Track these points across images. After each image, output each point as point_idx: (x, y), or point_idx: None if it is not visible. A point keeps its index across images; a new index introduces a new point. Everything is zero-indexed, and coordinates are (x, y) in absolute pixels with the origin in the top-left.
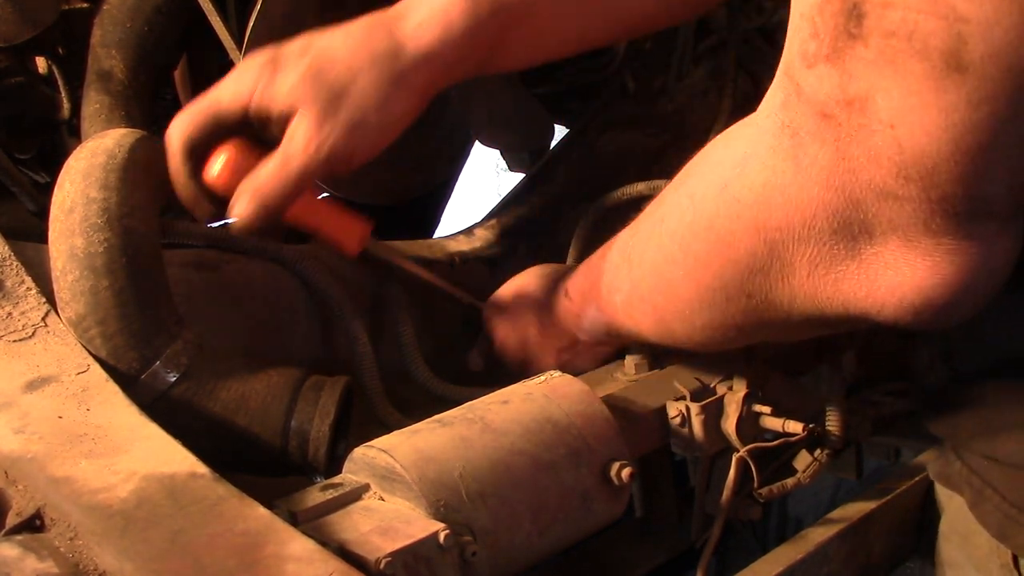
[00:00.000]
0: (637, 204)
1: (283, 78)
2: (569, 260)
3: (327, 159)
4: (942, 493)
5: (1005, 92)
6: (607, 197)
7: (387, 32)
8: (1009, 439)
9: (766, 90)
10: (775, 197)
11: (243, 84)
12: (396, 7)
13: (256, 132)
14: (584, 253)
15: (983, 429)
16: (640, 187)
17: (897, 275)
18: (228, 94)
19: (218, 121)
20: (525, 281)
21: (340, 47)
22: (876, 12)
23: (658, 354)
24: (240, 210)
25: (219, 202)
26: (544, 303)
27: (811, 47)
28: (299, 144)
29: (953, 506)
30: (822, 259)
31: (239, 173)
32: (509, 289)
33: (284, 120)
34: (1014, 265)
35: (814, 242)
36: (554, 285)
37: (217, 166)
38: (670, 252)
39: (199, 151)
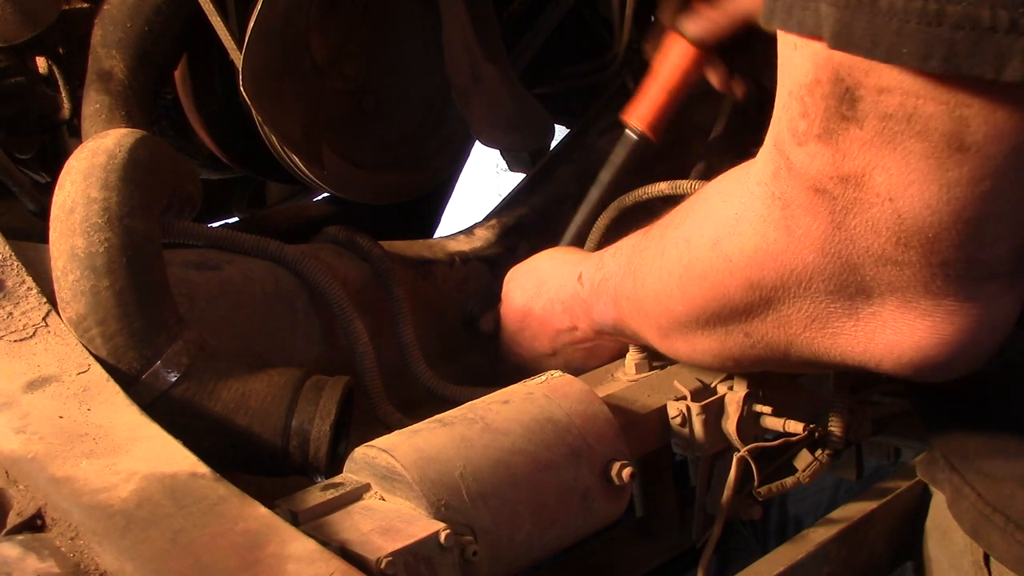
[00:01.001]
0: (650, 205)
1: None
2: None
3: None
4: (937, 492)
5: (1009, 169)
6: (627, 196)
7: None
8: (991, 454)
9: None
10: (767, 262)
11: None
12: None
13: None
14: (600, 247)
15: (968, 438)
16: (662, 186)
17: (896, 334)
18: None
19: None
20: (547, 256)
21: None
22: (871, 97)
23: (659, 354)
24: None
25: None
26: (557, 282)
27: (801, 126)
28: None
29: (936, 503)
30: (818, 315)
31: None
32: (531, 261)
33: None
34: (1015, 319)
35: (810, 300)
36: (572, 268)
37: None
38: (669, 287)
39: None
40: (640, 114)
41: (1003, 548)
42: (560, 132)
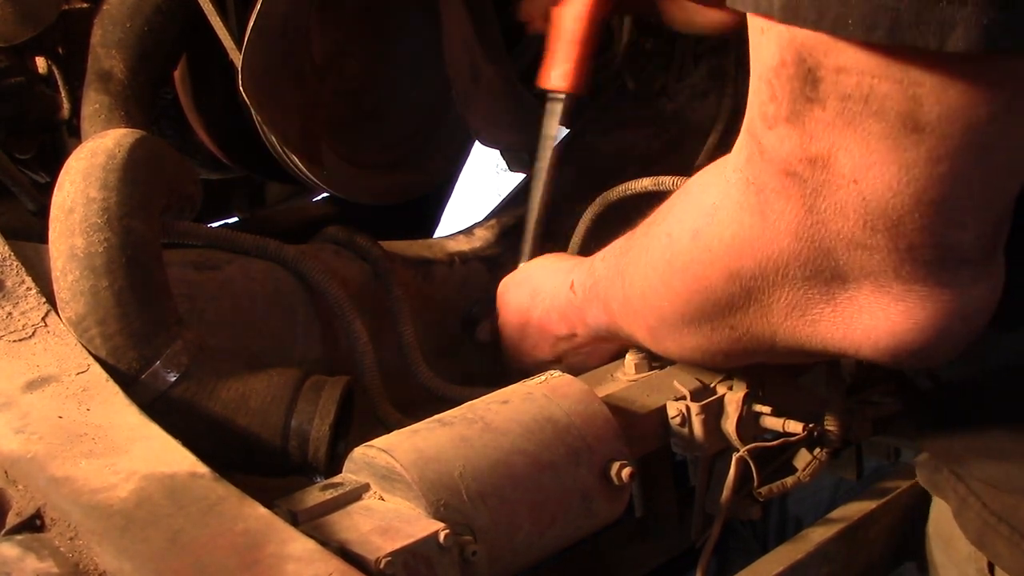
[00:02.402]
0: (638, 200)
1: None
2: (571, 252)
3: None
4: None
5: (963, 149)
6: (611, 191)
7: None
8: (980, 461)
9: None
10: (745, 249)
11: None
12: None
13: None
14: (585, 245)
15: (967, 447)
16: (645, 182)
17: (872, 319)
18: None
19: None
20: (539, 266)
21: None
22: (831, 77)
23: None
24: None
25: None
26: (550, 291)
27: (770, 109)
28: None
29: (938, 508)
30: (798, 303)
31: None
32: (523, 271)
33: None
34: (994, 310)
35: (788, 287)
36: (564, 276)
37: None
38: (654, 283)
39: None
40: (559, 74)
41: (1009, 558)
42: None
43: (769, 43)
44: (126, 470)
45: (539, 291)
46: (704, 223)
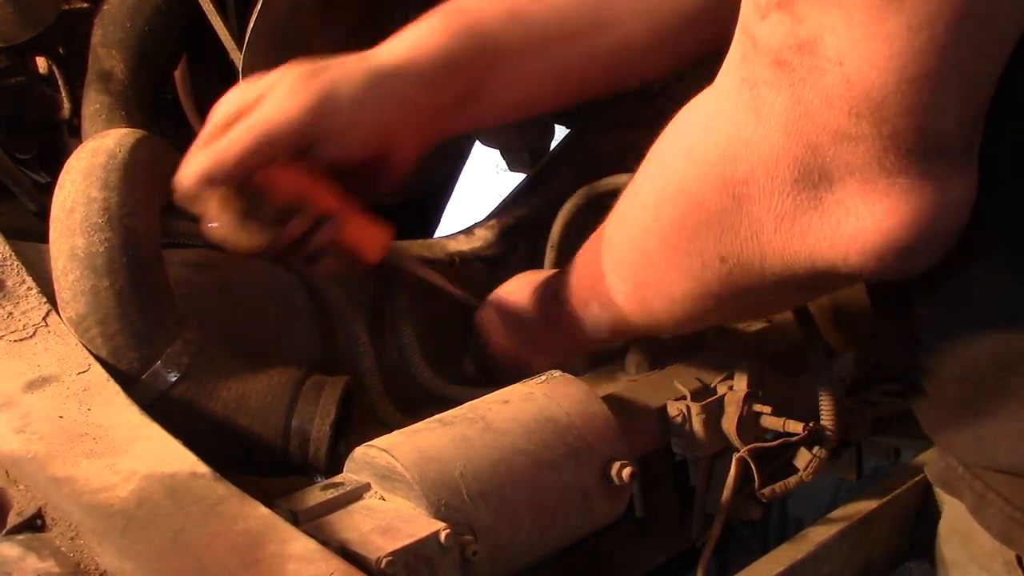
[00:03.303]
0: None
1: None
2: (549, 247)
3: (292, 121)
4: (941, 493)
5: (942, 15)
6: (598, 183)
7: (363, 53)
8: (1008, 449)
9: None
10: (739, 150)
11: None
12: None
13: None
14: (563, 242)
15: (981, 439)
16: (625, 178)
17: (858, 220)
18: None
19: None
20: (516, 289)
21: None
22: None
23: (658, 354)
24: (189, 168)
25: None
26: (536, 320)
27: None
28: (269, 104)
29: (952, 506)
30: (787, 211)
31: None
32: (500, 298)
33: None
34: (972, 205)
35: (778, 194)
36: (547, 291)
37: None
38: (644, 223)
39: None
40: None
41: None
42: (560, 132)
43: None
44: (127, 470)
45: (523, 322)
46: (698, 136)
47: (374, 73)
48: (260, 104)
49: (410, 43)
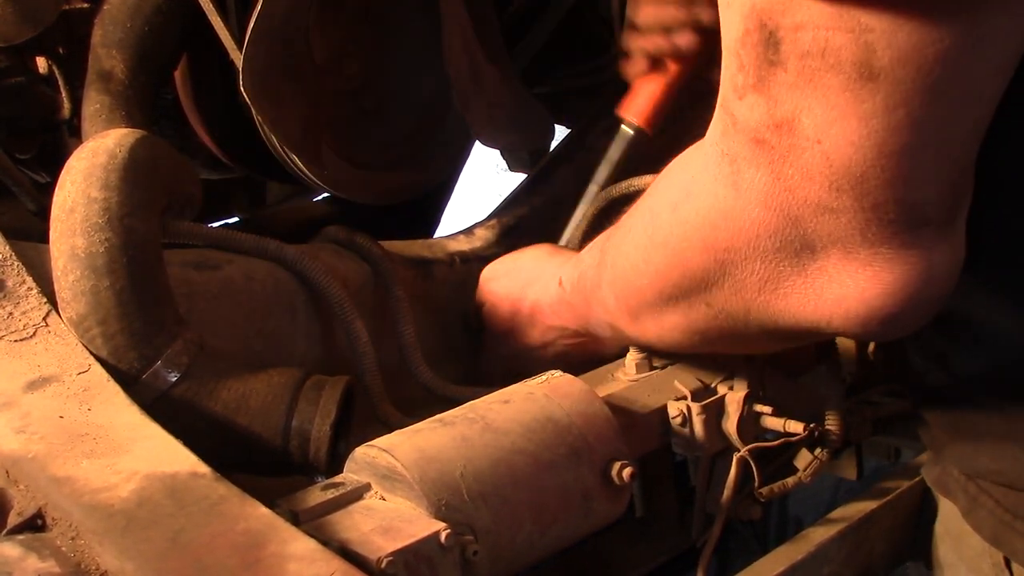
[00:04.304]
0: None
1: None
2: (565, 241)
3: None
4: (938, 495)
5: (917, 93)
6: (615, 187)
7: None
8: (992, 459)
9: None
10: (720, 221)
11: None
12: None
13: None
14: (585, 239)
15: (970, 449)
16: (648, 179)
17: (841, 288)
18: None
19: None
20: (531, 257)
21: None
22: (790, 36)
23: (659, 354)
24: None
25: None
26: (541, 284)
27: (739, 79)
28: None
29: (946, 508)
30: (770, 276)
31: None
32: (513, 260)
33: None
34: (957, 273)
35: (760, 260)
36: (553, 271)
37: None
38: (635, 262)
39: None
40: (636, 109)
41: None
42: (560, 132)
43: (733, 15)
44: (127, 470)
45: (531, 282)
46: (682, 196)
47: None
48: None
49: None
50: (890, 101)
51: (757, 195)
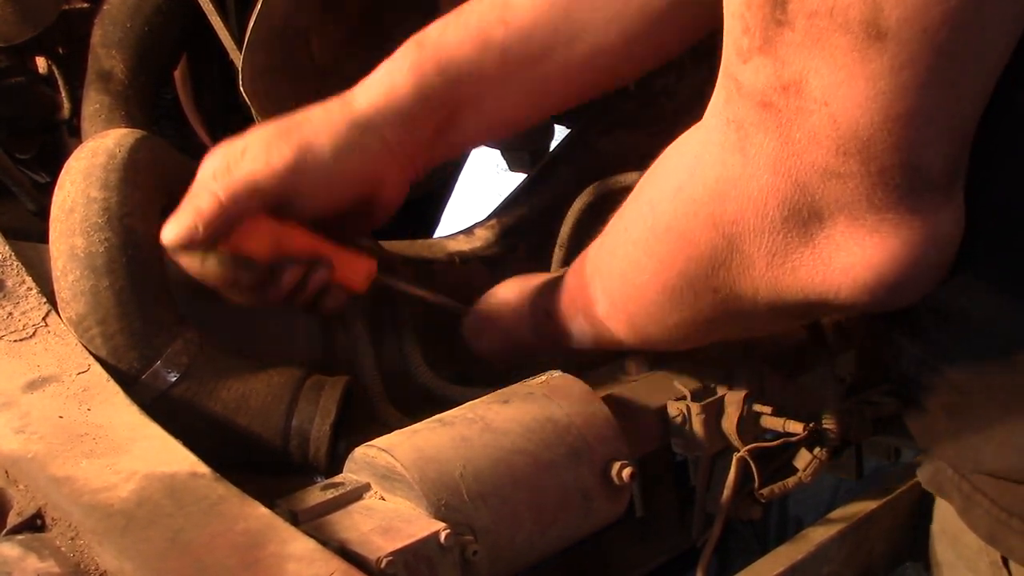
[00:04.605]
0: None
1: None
2: (557, 247)
3: (273, 175)
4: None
5: (923, 54)
6: (606, 181)
7: (340, 98)
8: (993, 455)
9: None
10: (728, 190)
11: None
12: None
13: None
14: (575, 236)
15: (967, 445)
16: (634, 176)
17: (849, 255)
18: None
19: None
20: (503, 295)
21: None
22: None
23: (659, 354)
24: (175, 223)
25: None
26: (526, 328)
27: (744, 42)
28: (249, 158)
29: (943, 507)
30: (778, 248)
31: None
32: (487, 304)
33: None
34: (960, 239)
35: (768, 232)
36: (535, 301)
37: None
38: (636, 259)
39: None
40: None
41: None
42: (560, 132)
43: None
44: (127, 470)
45: (516, 327)
46: (687, 176)
47: (353, 123)
48: (243, 157)
49: (384, 87)
50: (896, 61)
51: (766, 160)
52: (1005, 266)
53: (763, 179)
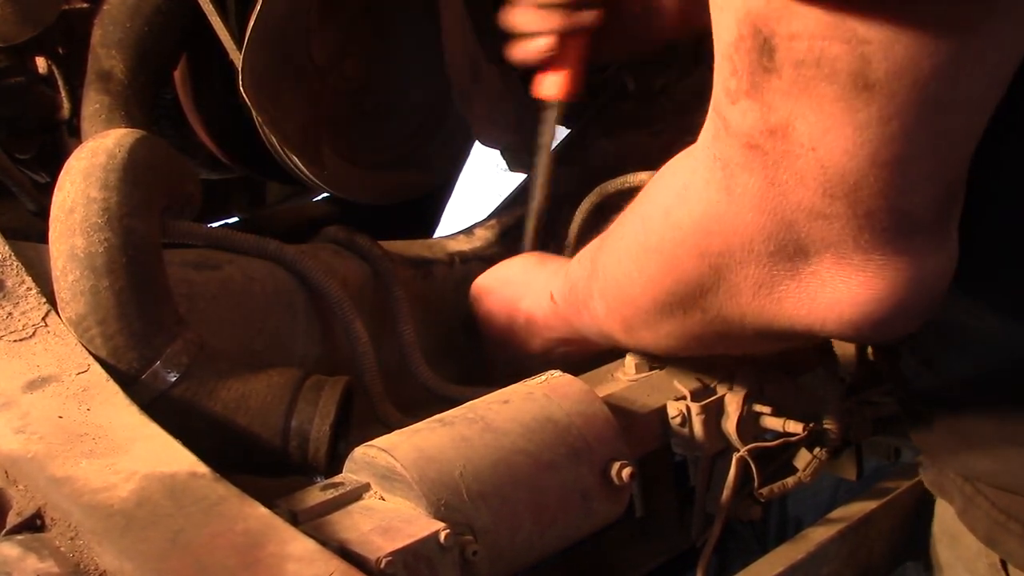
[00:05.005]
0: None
1: None
2: (565, 248)
3: None
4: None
5: (911, 105)
6: (610, 183)
7: None
8: (990, 461)
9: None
10: (713, 225)
11: None
12: None
13: None
14: (582, 237)
15: (968, 448)
16: (643, 176)
17: (834, 292)
18: None
19: None
20: (521, 269)
21: None
22: (785, 44)
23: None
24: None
25: None
26: (533, 298)
27: (732, 84)
28: None
29: (943, 508)
30: (764, 280)
31: None
32: (503, 271)
33: None
34: (952, 275)
35: (754, 265)
36: (543, 283)
37: None
38: (628, 270)
39: None
40: (551, 83)
41: (1022, 555)
42: (560, 132)
43: (727, 19)
44: (126, 470)
45: (522, 296)
46: (675, 202)
47: None
48: None
49: None
50: (884, 112)
51: (750, 200)
52: (1006, 283)
53: (748, 217)
